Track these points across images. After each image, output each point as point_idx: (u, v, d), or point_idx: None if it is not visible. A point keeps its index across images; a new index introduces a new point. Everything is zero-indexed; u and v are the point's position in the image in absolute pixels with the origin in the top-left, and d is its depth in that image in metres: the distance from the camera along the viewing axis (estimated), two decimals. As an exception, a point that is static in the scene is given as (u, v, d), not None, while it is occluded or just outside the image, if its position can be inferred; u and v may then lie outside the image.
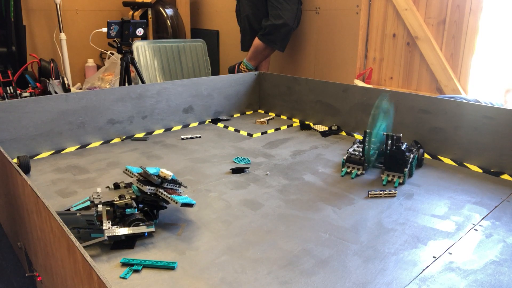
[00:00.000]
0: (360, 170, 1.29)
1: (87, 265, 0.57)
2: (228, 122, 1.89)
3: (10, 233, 1.19)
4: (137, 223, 0.89)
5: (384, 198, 1.13)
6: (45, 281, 0.90)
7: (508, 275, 0.80)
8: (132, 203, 0.90)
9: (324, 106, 1.80)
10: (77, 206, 0.93)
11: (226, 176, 1.27)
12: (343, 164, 1.30)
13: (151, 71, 2.62)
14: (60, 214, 0.85)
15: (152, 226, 0.90)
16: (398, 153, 1.22)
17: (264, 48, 2.35)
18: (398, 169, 1.22)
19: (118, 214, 0.90)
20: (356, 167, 1.29)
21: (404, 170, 1.22)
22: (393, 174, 1.23)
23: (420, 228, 0.97)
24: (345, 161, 1.30)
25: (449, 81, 1.89)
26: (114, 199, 0.91)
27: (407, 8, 1.99)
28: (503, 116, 1.28)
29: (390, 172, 1.23)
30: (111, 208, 0.90)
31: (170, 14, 3.08)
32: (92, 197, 0.92)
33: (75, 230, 0.86)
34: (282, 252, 0.87)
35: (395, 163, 1.22)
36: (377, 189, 1.17)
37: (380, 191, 1.15)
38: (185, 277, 0.79)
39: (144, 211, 0.93)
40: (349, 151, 1.34)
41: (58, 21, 2.88)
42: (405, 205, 1.09)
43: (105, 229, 0.85)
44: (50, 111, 1.44)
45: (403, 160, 1.22)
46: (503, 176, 1.28)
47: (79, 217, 0.85)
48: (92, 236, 0.86)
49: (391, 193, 1.14)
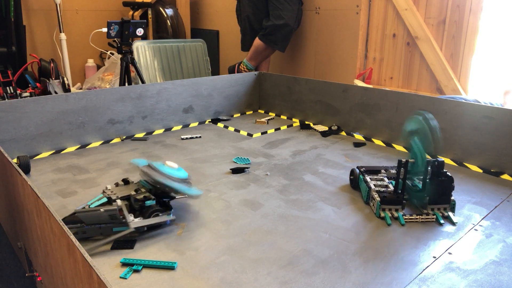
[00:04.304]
0: (399, 210, 1.02)
1: (87, 265, 0.57)
2: (228, 122, 1.89)
3: (10, 233, 1.19)
4: (157, 213, 0.94)
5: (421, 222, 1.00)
6: (45, 281, 0.90)
7: (508, 275, 0.80)
8: (150, 195, 0.94)
9: (324, 106, 1.80)
10: (94, 203, 0.95)
11: (226, 176, 1.27)
12: (379, 207, 1.02)
13: (151, 71, 2.62)
14: (80, 212, 0.88)
15: (171, 214, 0.95)
16: (446, 182, 1.00)
17: (264, 48, 2.34)
18: (443, 199, 1.02)
19: (137, 207, 0.93)
20: (394, 208, 1.02)
21: (451, 199, 1.02)
22: (437, 208, 1.03)
23: (420, 228, 0.97)
24: (381, 203, 1.02)
25: (449, 81, 1.89)
26: (131, 193, 0.95)
27: (407, 8, 1.99)
28: (503, 116, 1.28)
29: (434, 205, 1.02)
30: (127, 202, 0.94)
31: (170, 14, 3.08)
32: (106, 194, 0.95)
33: (96, 226, 0.89)
34: (282, 252, 0.87)
35: (441, 194, 1.01)
36: (408, 212, 1.02)
37: (416, 214, 1.00)
38: (185, 277, 0.79)
39: (161, 202, 0.97)
40: (372, 188, 1.07)
41: (58, 21, 2.88)
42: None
43: (130, 221, 0.89)
44: (50, 111, 1.44)
45: (449, 189, 1.01)
46: (503, 176, 1.28)
47: (102, 212, 0.88)
48: (115, 230, 0.90)
49: (428, 217, 1.00)
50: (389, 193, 1.03)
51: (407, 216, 1.00)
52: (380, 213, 1.02)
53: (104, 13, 3.33)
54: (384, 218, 1.01)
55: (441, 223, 0.99)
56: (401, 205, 1.02)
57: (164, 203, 0.98)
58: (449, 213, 1.02)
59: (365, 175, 1.14)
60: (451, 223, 0.99)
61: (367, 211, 1.05)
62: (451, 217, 1.01)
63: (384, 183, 1.10)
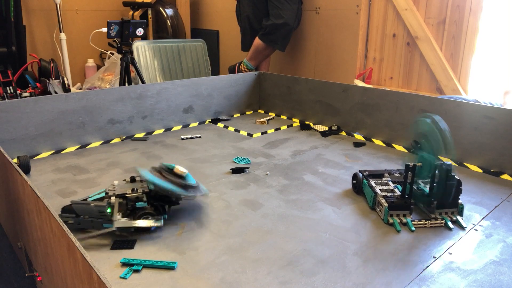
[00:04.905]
0: (407, 215, 1.00)
1: (87, 265, 0.57)
2: (228, 122, 1.89)
3: (10, 233, 1.19)
4: (146, 216, 0.92)
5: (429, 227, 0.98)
6: (45, 281, 0.90)
7: (508, 275, 0.80)
8: (143, 197, 0.93)
9: (324, 106, 1.80)
10: (94, 196, 0.96)
11: (226, 176, 1.27)
12: (387, 213, 0.99)
13: (151, 71, 2.62)
14: (75, 203, 0.90)
15: (161, 221, 0.92)
16: (454, 186, 0.98)
17: (264, 48, 2.34)
18: (451, 203, 0.99)
19: (129, 207, 0.93)
20: (402, 214, 1.00)
21: (459, 203, 1.00)
22: (444, 212, 1.01)
23: (420, 228, 0.97)
24: (389, 209, 0.99)
25: (449, 81, 1.89)
26: (127, 192, 0.94)
27: (407, 8, 1.99)
28: (503, 116, 1.28)
29: (442, 210, 1.00)
30: (123, 200, 0.93)
31: (170, 14, 3.08)
32: (107, 189, 0.96)
33: (89, 219, 0.90)
34: (282, 252, 0.87)
35: (449, 198, 0.99)
36: (415, 217, 1.00)
37: (425, 220, 0.98)
38: (185, 277, 0.79)
39: (154, 205, 0.95)
40: (378, 193, 1.04)
41: (58, 21, 2.88)
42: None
43: (115, 220, 0.89)
44: (50, 111, 1.44)
45: (458, 192, 0.99)
46: (503, 176, 1.28)
47: (93, 207, 0.88)
48: (104, 226, 0.90)
49: (437, 222, 0.98)
50: (396, 198, 1.01)
51: (415, 222, 0.97)
52: (388, 219, 0.98)
53: (104, 13, 3.33)
54: (392, 224, 0.98)
55: (451, 228, 0.97)
56: (409, 210, 0.99)
57: (158, 208, 0.95)
58: (457, 217, 0.99)
59: (369, 180, 1.11)
60: (460, 227, 0.97)
61: (367, 211, 1.05)
62: (460, 221, 0.98)
63: (389, 187, 1.07)
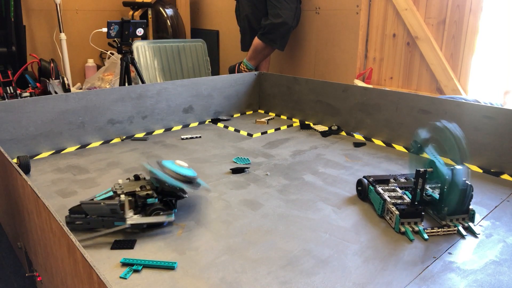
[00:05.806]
0: (419, 223, 0.96)
1: (87, 265, 0.57)
2: (228, 122, 1.89)
3: (10, 233, 1.19)
4: (158, 212, 0.94)
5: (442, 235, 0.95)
6: (45, 281, 0.90)
7: (508, 275, 0.80)
8: (153, 193, 0.95)
9: (324, 106, 1.80)
10: (101, 196, 0.97)
11: (226, 176, 1.27)
12: (398, 222, 0.95)
13: (151, 71, 2.62)
14: (84, 203, 0.91)
15: (172, 215, 0.95)
16: (466, 191, 0.94)
17: (264, 48, 2.34)
18: (462, 209, 0.96)
19: (140, 204, 0.94)
20: (413, 221, 0.96)
21: (470, 209, 0.97)
22: (455, 218, 0.97)
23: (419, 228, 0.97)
24: (400, 217, 0.95)
25: (449, 81, 1.89)
26: (136, 189, 0.96)
27: (407, 8, 1.99)
28: (503, 116, 1.28)
29: (453, 216, 0.96)
30: (132, 198, 0.94)
31: (170, 14, 3.08)
32: (114, 188, 0.97)
33: (99, 218, 0.91)
34: (282, 252, 0.87)
35: (463, 205, 0.95)
36: (425, 223, 0.97)
37: (438, 227, 0.94)
38: (185, 277, 0.79)
39: (164, 201, 0.97)
40: (388, 200, 1.00)
41: (58, 21, 2.88)
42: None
43: (127, 217, 0.90)
44: (50, 111, 1.44)
45: (468, 198, 0.96)
46: (503, 176, 1.28)
47: (104, 206, 0.90)
48: (116, 224, 0.91)
49: (450, 230, 0.94)
50: (406, 205, 0.97)
51: (428, 230, 0.94)
52: (400, 228, 0.94)
53: (104, 13, 3.33)
54: (404, 233, 0.94)
55: (464, 236, 0.93)
56: (420, 217, 0.95)
57: (168, 203, 0.98)
58: (469, 224, 0.97)
59: (376, 186, 1.07)
60: (473, 234, 0.94)
61: (367, 211, 1.05)
62: (472, 227, 0.95)
63: (397, 194, 1.04)
